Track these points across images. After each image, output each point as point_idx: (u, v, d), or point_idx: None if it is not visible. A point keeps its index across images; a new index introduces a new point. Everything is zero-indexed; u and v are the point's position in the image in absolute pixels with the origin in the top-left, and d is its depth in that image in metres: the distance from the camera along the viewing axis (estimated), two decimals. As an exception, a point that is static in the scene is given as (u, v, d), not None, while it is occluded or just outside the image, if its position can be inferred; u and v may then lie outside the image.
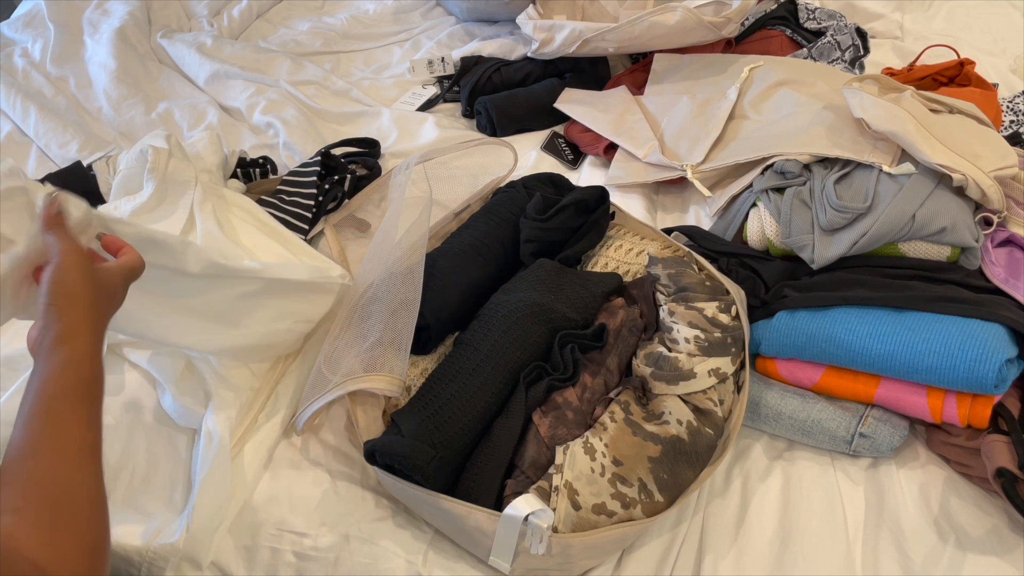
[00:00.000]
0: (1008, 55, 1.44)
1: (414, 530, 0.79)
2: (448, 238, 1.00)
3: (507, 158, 1.12)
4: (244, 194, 1.12)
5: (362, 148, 1.27)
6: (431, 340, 0.88)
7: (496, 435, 0.77)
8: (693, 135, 1.17)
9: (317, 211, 1.09)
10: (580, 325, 0.86)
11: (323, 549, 0.77)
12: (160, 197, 0.95)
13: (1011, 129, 1.17)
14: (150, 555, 0.74)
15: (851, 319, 0.83)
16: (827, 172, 0.97)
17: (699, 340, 0.81)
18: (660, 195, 1.20)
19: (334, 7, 1.72)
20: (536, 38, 1.34)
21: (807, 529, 0.78)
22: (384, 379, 0.76)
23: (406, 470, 0.73)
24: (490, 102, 1.31)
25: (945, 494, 0.80)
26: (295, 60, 1.50)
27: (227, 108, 1.41)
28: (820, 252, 0.91)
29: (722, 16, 1.23)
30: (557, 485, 0.70)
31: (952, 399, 0.79)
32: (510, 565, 0.71)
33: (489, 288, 0.91)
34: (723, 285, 0.87)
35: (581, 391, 0.80)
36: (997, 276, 0.88)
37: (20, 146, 1.32)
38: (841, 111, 1.04)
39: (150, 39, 1.57)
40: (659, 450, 0.74)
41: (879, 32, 1.51)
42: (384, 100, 1.44)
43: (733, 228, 1.04)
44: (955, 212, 0.89)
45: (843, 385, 0.84)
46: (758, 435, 0.87)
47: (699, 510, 0.81)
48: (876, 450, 0.82)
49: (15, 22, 1.61)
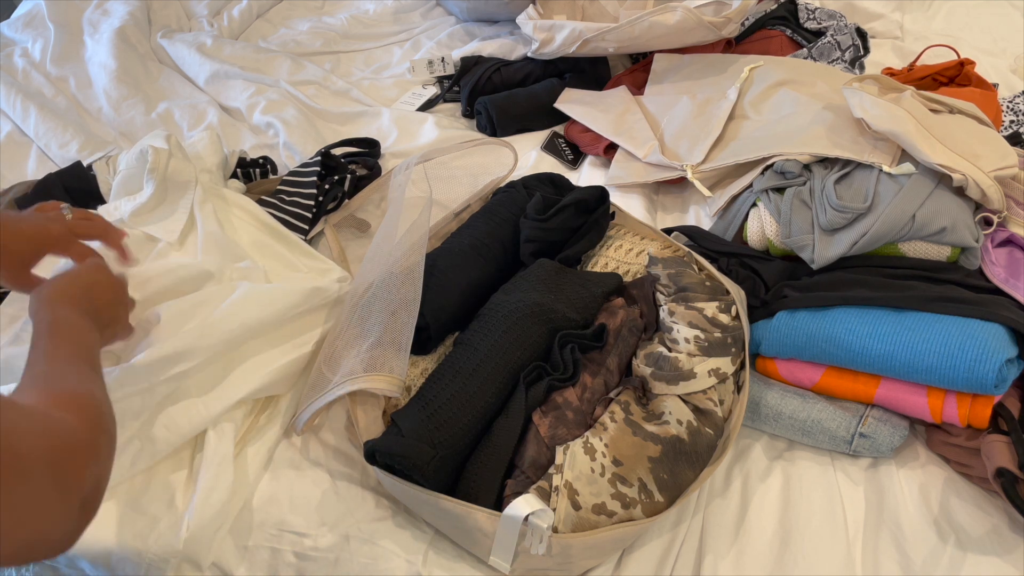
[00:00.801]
0: (1008, 55, 1.44)
1: (414, 530, 0.79)
2: (448, 238, 1.00)
3: (507, 158, 1.12)
4: (244, 194, 1.12)
5: (362, 148, 1.27)
6: (431, 340, 0.88)
7: (496, 435, 0.77)
8: (693, 135, 1.17)
9: (317, 211, 1.09)
10: (580, 325, 0.86)
11: (323, 549, 0.77)
12: (160, 197, 0.96)
13: (1011, 129, 1.17)
14: (150, 556, 0.74)
15: (851, 319, 0.83)
16: (827, 172, 0.97)
17: (699, 340, 0.81)
18: (660, 195, 1.20)
19: (334, 7, 1.72)
20: (536, 38, 1.34)
21: (807, 529, 0.78)
22: (384, 379, 0.76)
23: (406, 470, 0.73)
24: (490, 102, 1.31)
25: (945, 494, 0.80)
26: (295, 60, 1.50)
27: (227, 108, 1.41)
28: (820, 252, 0.91)
29: (722, 16, 1.23)
30: (557, 485, 0.70)
31: (952, 399, 0.79)
32: (510, 565, 0.71)
33: (489, 288, 0.91)
34: (723, 285, 0.87)
35: (581, 391, 0.80)
36: (997, 276, 0.88)
37: (20, 146, 1.32)
38: (841, 111, 1.04)
39: (150, 39, 1.57)
40: (659, 450, 0.74)
41: (879, 32, 1.51)
42: (384, 100, 1.44)
43: (733, 228, 1.04)
44: (955, 212, 0.89)
45: (843, 385, 0.84)
46: (758, 435, 0.87)
47: (699, 510, 0.81)
48: (876, 450, 0.82)
49: (15, 22, 1.61)
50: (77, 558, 0.76)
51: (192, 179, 0.97)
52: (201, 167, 1.01)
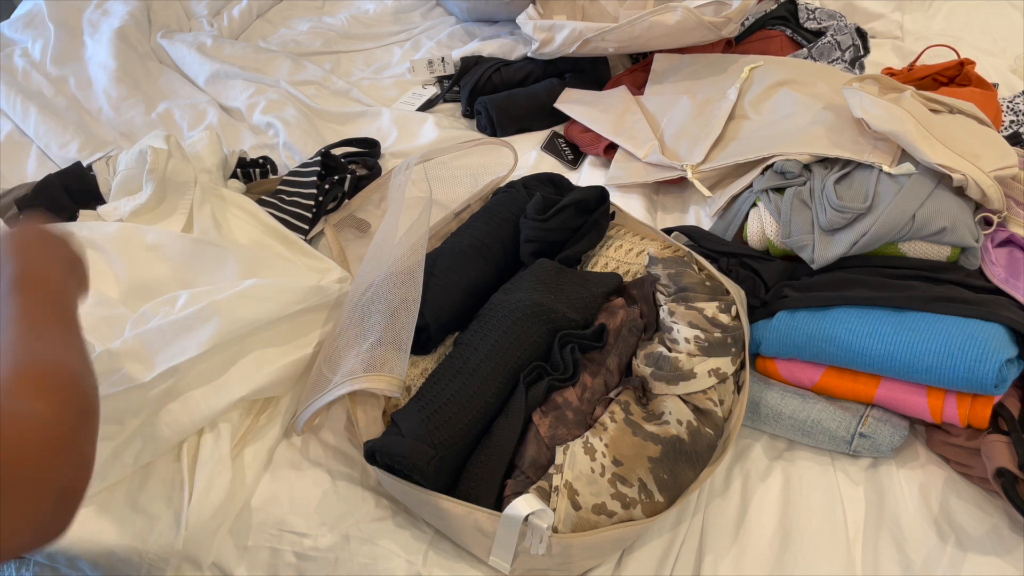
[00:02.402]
0: (1008, 55, 1.44)
1: (414, 530, 0.79)
2: (448, 238, 1.00)
3: (507, 158, 1.12)
4: (244, 194, 1.12)
5: (362, 148, 1.27)
6: (431, 340, 0.88)
7: (496, 435, 0.77)
8: (693, 135, 1.17)
9: (317, 211, 1.09)
10: (580, 325, 0.86)
11: (323, 549, 0.77)
12: (159, 198, 0.96)
13: (1011, 129, 1.17)
14: (150, 556, 0.74)
15: (851, 319, 0.83)
16: (827, 172, 0.97)
17: (699, 340, 0.81)
18: (660, 195, 1.20)
19: (334, 7, 1.72)
20: (536, 38, 1.34)
21: (807, 529, 0.78)
22: (384, 379, 0.76)
23: (406, 470, 0.73)
24: (490, 102, 1.31)
25: (945, 494, 0.80)
26: (295, 60, 1.50)
27: (227, 108, 1.41)
28: (820, 252, 0.91)
29: (722, 16, 1.23)
30: (557, 485, 0.70)
31: (952, 399, 0.79)
32: (510, 565, 0.71)
33: (489, 288, 0.91)
34: (723, 285, 0.87)
35: (581, 391, 0.80)
36: (997, 276, 0.88)
37: (20, 146, 1.32)
38: (841, 111, 1.04)
39: (150, 39, 1.56)
40: (659, 450, 0.74)
41: (879, 32, 1.51)
42: (384, 100, 1.44)
43: (733, 228, 1.04)
44: (955, 212, 0.89)
45: (843, 385, 0.84)
46: (758, 435, 0.87)
47: (699, 510, 0.81)
48: (876, 450, 0.82)
49: (15, 22, 1.61)
50: (77, 558, 0.76)
51: (191, 179, 0.97)
52: (201, 167, 1.02)
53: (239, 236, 0.97)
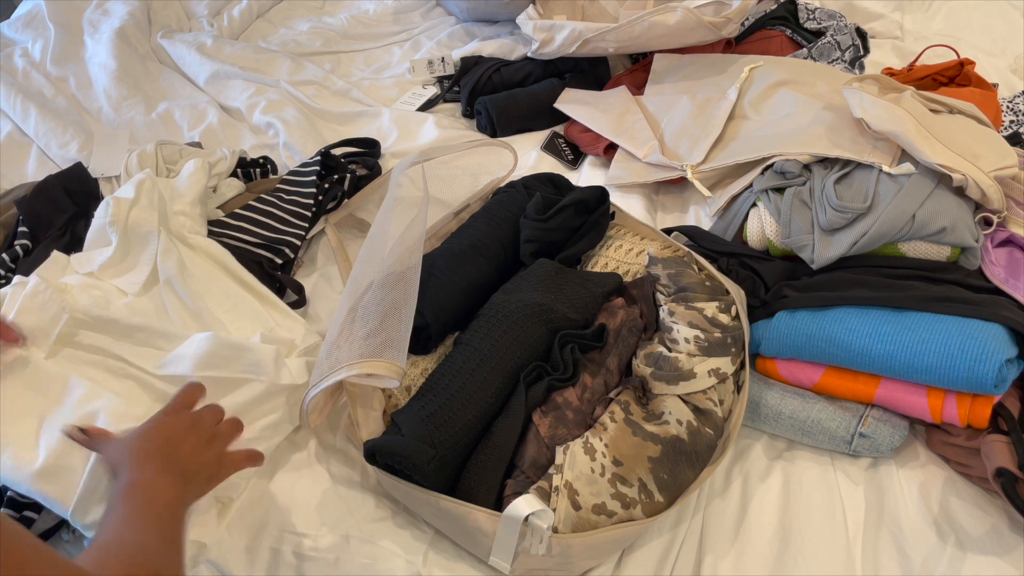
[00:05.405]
0: (1008, 55, 1.44)
1: (414, 530, 0.79)
2: (448, 238, 1.00)
3: (507, 158, 1.12)
4: (244, 194, 1.12)
5: (362, 148, 1.27)
6: (431, 340, 0.88)
7: (496, 435, 0.77)
8: (693, 135, 1.17)
9: (317, 211, 1.09)
10: (580, 325, 0.86)
11: (323, 549, 0.77)
12: (124, 251, 0.92)
13: (1011, 129, 1.17)
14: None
15: (851, 319, 0.83)
16: (827, 172, 0.97)
17: (699, 340, 0.81)
18: (660, 195, 1.20)
19: (334, 7, 1.72)
20: (536, 38, 1.34)
21: (807, 529, 0.78)
22: (384, 364, 0.73)
23: (406, 470, 0.73)
24: (490, 102, 1.31)
25: (945, 494, 0.80)
26: (295, 60, 1.51)
27: (227, 108, 1.41)
28: (820, 252, 0.91)
29: (722, 16, 1.23)
30: (557, 485, 0.70)
31: (952, 399, 0.79)
32: (510, 565, 0.71)
33: (489, 288, 0.91)
34: (723, 285, 0.87)
35: (581, 391, 0.80)
36: (997, 276, 0.88)
37: (20, 146, 1.32)
38: (841, 111, 1.04)
39: (150, 39, 1.57)
40: (659, 450, 0.74)
41: (879, 32, 1.51)
42: (384, 100, 1.45)
43: (733, 228, 1.04)
44: (955, 212, 0.89)
45: (843, 385, 0.84)
46: (758, 435, 0.87)
47: (699, 510, 0.81)
48: (876, 450, 0.82)
49: (15, 22, 1.61)
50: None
51: (155, 229, 0.93)
52: (176, 208, 0.98)
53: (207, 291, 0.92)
